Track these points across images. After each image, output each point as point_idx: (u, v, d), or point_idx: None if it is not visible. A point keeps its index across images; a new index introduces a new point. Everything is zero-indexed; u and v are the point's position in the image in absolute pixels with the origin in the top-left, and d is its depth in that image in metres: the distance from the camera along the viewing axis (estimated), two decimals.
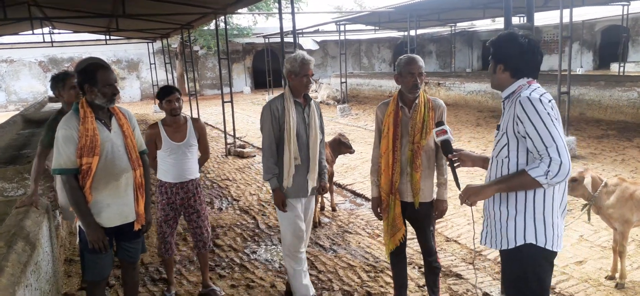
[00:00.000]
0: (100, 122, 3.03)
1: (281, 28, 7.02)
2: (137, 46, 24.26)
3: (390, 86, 19.69)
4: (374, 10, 15.55)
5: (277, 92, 17.31)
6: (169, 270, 4.21)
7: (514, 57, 2.34)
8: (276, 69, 28.56)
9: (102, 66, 3.06)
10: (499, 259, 4.52)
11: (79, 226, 3.15)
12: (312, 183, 3.65)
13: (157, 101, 4.01)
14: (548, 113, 2.17)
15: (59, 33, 16.72)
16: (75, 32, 16.27)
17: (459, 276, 4.30)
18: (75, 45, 21.08)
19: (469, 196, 2.37)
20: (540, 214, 2.28)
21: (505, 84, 2.40)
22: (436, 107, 3.31)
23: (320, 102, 17.86)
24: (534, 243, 2.28)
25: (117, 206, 3.09)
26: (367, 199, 6.60)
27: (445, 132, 2.77)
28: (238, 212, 6.39)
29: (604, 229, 4.80)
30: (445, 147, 2.77)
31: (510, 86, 2.38)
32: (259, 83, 29.49)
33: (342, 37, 18.35)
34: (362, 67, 31.68)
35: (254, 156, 10.12)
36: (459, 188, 2.70)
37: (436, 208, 3.38)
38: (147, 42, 18.79)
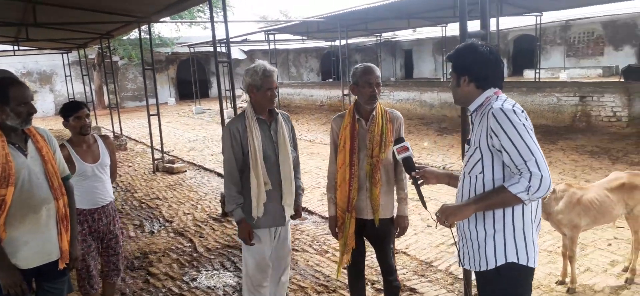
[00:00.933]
0: (13, 146, 2.59)
1: (214, 36, 6.65)
2: (49, 57, 22.53)
3: (321, 95, 19.70)
4: (304, 19, 15.46)
5: (204, 103, 16.81)
6: None
7: (477, 67, 2.23)
8: (202, 79, 27.89)
9: (15, 81, 2.62)
10: (451, 269, 4.52)
11: None
12: (289, 208, 3.30)
13: (62, 119, 3.48)
14: (523, 124, 2.06)
15: None
16: None
17: (413, 290, 4.18)
18: None
19: (447, 216, 2.21)
20: (520, 231, 2.17)
21: (471, 96, 2.28)
22: (394, 119, 3.17)
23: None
24: (516, 261, 2.16)
25: (37, 243, 2.65)
26: (310, 212, 6.39)
27: (406, 149, 2.60)
28: (172, 235, 5.93)
29: (548, 233, 4.91)
30: (408, 164, 2.59)
31: (477, 98, 2.26)
32: (184, 94, 28.56)
33: (271, 47, 18.13)
34: (290, 76, 31.61)
35: (185, 171, 9.59)
36: (425, 207, 2.56)
37: (397, 225, 3.23)
38: (62, 53, 17.45)
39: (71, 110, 3.42)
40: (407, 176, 2.68)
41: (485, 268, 2.21)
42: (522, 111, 2.13)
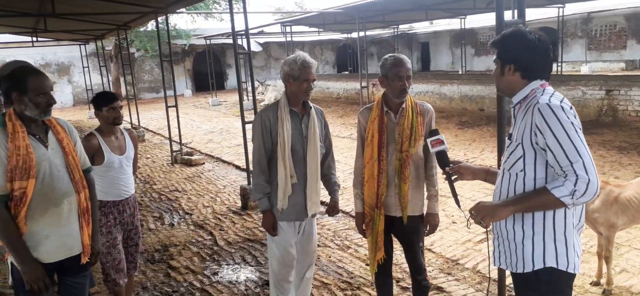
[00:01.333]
0: (33, 137, 2.52)
1: (233, 28, 6.55)
2: (68, 48, 22.71)
3: (338, 87, 19.55)
4: (321, 11, 15.30)
5: (220, 95, 16.86)
6: None
7: (525, 56, 2.06)
8: (218, 71, 27.91)
9: (34, 71, 2.55)
10: (478, 268, 4.38)
11: (12, 263, 2.61)
12: (313, 204, 3.21)
13: (94, 109, 3.50)
14: (571, 122, 1.91)
15: None
16: None
17: (440, 289, 4.05)
18: None
19: (483, 216, 2.07)
20: (561, 235, 2.02)
21: (516, 87, 2.12)
22: (425, 112, 3.04)
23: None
24: (555, 267, 2.02)
25: (58, 237, 2.59)
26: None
27: (441, 142, 2.45)
28: (192, 227, 5.87)
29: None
30: (442, 159, 2.45)
31: (522, 89, 2.10)
32: (200, 86, 28.64)
33: (288, 39, 18.02)
34: None
35: (203, 163, 9.54)
36: (459, 206, 2.43)
37: (427, 223, 3.10)
38: (79, 44, 17.54)
39: (106, 101, 3.42)
40: (441, 171, 2.55)
41: (521, 270, 2.08)
42: (571, 108, 1.97)
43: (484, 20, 25.85)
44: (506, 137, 2.22)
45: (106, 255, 3.41)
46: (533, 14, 22.45)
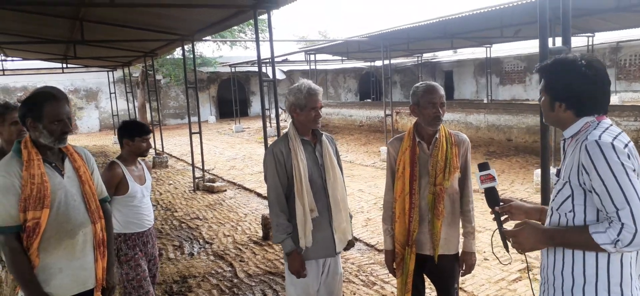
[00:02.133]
0: (49, 165, 2.43)
1: (258, 55, 6.49)
2: (96, 75, 23.21)
3: (361, 115, 19.41)
4: (346, 39, 15.27)
5: (244, 122, 16.86)
6: None
7: (578, 92, 1.84)
8: (242, 98, 28.14)
9: (52, 97, 2.44)
10: None
11: None
12: (342, 237, 3.02)
13: (121, 137, 3.43)
14: (622, 163, 1.69)
15: (12, 60, 15.62)
16: (26, 59, 15.27)
17: None
18: (30, 73, 19.95)
19: (521, 241, 1.91)
20: (616, 287, 1.79)
21: (567, 122, 1.92)
22: (460, 143, 2.85)
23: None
24: None
25: (72, 270, 2.46)
26: (355, 239, 6.07)
27: (492, 178, 2.21)
28: (212, 258, 5.72)
29: None
30: (491, 196, 2.21)
31: (574, 123, 1.90)
32: (224, 113, 28.88)
33: (311, 67, 18.05)
34: (329, 96, 31.50)
35: (225, 190, 9.44)
36: (507, 250, 2.17)
37: (463, 262, 2.89)
38: (107, 71, 17.89)
39: (142, 131, 3.41)
40: (490, 209, 2.31)
41: None
42: (626, 147, 1.75)
43: (510, 48, 25.56)
44: (555, 174, 2.01)
45: (138, 289, 3.30)
46: (559, 42, 22.08)
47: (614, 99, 21.10)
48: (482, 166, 2.24)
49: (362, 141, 15.71)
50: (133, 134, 3.37)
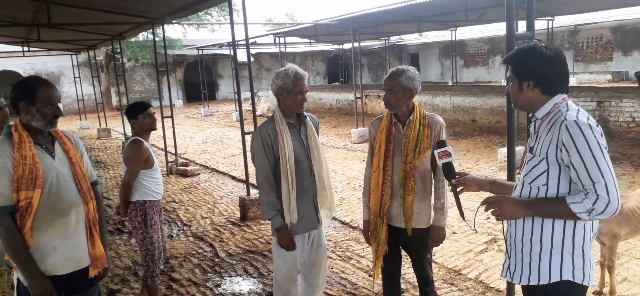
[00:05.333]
0: (40, 147, 2.50)
1: (233, 38, 6.57)
2: (58, 58, 22.54)
3: (330, 98, 19.62)
4: (315, 22, 15.36)
5: (212, 105, 16.80)
6: None
7: (543, 72, 2.07)
8: (210, 82, 27.87)
9: (44, 81, 2.53)
10: (481, 278, 4.41)
11: (18, 278, 2.55)
12: (327, 213, 3.22)
13: (131, 119, 3.74)
14: (598, 142, 1.93)
15: None
16: None
17: None
18: None
19: (503, 209, 2.10)
20: (579, 249, 2.05)
21: (536, 103, 2.13)
22: (433, 125, 3.05)
23: (260, 115, 17.38)
24: (572, 279, 2.05)
25: (66, 248, 2.54)
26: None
27: (448, 154, 2.47)
28: (192, 239, 5.84)
29: None
30: (448, 171, 2.47)
31: (544, 105, 2.11)
32: (191, 96, 28.57)
33: (281, 50, 18.08)
34: None
35: (199, 174, 9.50)
36: (463, 218, 2.43)
37: (432, 236, 3.11)
38: (71, 54, 17.42)
39: (141, 108, 3.70)
40: (446, 183, 2.56)
41: (536, 282, 2.10)
42: (598, 126, 1.99)
43: (474, 32, 26.18)
44: (526, 151, 2.22)
45: (148, 249, 3.75)
46: (522, 27, 22.74)
47: (572, 81, 21.95)
48: (440, 144, 2.51)
49: (332, 123, 15.92)
50: (135, 113, 3.66)
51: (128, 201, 3.69)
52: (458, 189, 2.44)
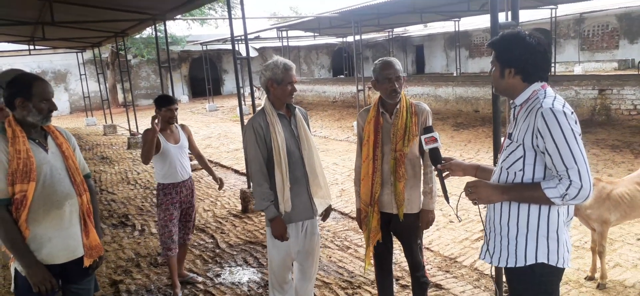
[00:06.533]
0: (33, 142, 2.59)
1: (232, 32, 6.66)
2: (64, 56, 22.76)
3: (334, 91, 19.65)
4: (317, 15, 15.41)
5: (217, 100, 16.80)
6: (173, 270, 4.32)
7: (524, 59, 2.11)
8: (214, 77, 28.01)
9: (39, 78, 2.63)
10: (476, 265, 4.48)
11: (15, 270, 2.64)
12: (321, 201, 3.28)
13: (156, 109, 4.19)
14: (572, 129, 1.98)
15: None
16: None
17: (438, 286, 4.14)
18: None
19: (479, 193, 2.17)
20: (553, 233, 2.12)
21: (516, 90, 2.18)
22: (420, 112, 3.12)
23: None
24: (546, 262, 2.12)
25: (61, 239, 2.62)
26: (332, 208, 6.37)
27: (435, 139, 2.53)
28: (194, 231, 5.93)
29: (574, 228, 4.84)
30: (434, 156, 2.53)
31: (523, 91, 2.16)
32: (196, 92, 28.72)
33: (284, 44, 18.14)
34: (302, 73, 31.60)
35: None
36: (448, 201, 2.50)
37: (421, 219, 3.19)
38: (76, 52, 17.59)
39: (166, 102, 4.18)
40: (433, 168, 2.63)
41: (513, 264, 2.17)
42: (572, 113, 2.04)
43: (478, 22, 26.07)
44: (506, 137, 2.28)
45: (164, 227, 4.22)
46: (526, 16, 22.66)
47: (577, 69, 21.85)
48: (426, 130, 2.56)
49: (335, 116, 15.98)
50: (160, 105, 4.15)
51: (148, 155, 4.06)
52: (443, 174, 2.51)
